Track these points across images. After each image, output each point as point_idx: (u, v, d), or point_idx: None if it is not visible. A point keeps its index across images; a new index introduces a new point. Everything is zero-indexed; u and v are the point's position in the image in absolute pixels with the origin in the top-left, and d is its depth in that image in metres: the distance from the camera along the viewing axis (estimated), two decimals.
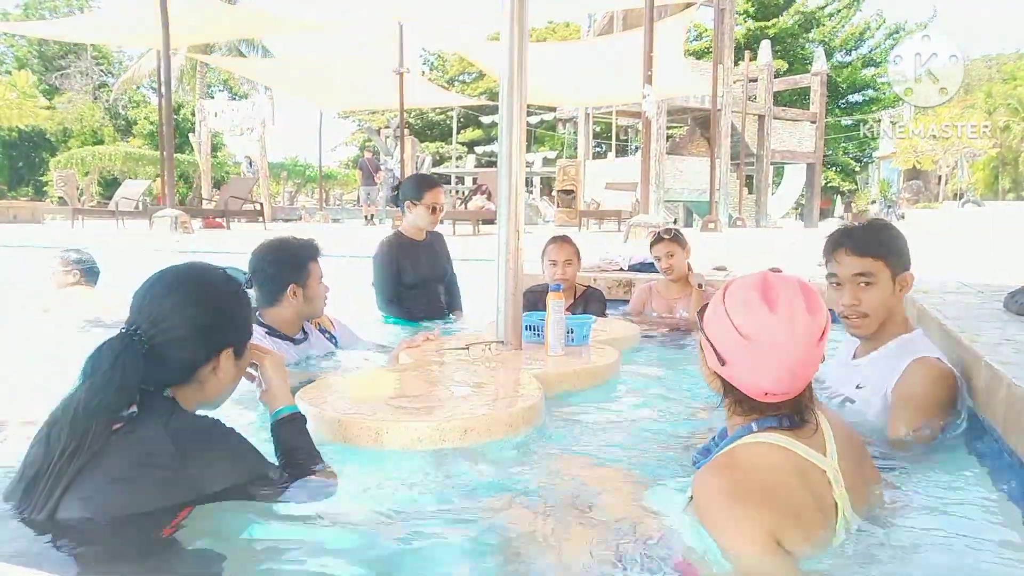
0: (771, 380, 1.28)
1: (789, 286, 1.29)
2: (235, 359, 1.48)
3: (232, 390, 1.55)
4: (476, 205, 14.98)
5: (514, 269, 2.78)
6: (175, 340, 1.37)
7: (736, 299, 1.31)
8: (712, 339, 1.34)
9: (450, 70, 40.48)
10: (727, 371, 1.33)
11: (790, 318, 1.25)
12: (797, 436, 1.29)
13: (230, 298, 1.48)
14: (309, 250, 2.70)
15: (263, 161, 20.37)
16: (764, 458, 1.27)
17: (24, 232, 11.45)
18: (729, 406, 1.38)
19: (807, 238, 13.29)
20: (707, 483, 1.26)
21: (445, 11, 14.52)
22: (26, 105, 24.16)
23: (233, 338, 1.47)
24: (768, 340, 1.26)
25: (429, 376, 2.41)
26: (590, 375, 2.56)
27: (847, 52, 36.25)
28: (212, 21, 15.44)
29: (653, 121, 10.23)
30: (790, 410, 1.31)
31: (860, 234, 2.02)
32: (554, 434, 2.06)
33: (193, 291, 1.42)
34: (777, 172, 27.22)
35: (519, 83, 2.74)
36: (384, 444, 1.82)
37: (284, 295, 2.61)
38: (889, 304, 2.02)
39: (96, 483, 1.25)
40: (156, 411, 1.34)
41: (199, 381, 1.44)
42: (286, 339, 2.67)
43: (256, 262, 2.64)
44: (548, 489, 1.68)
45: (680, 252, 3.99)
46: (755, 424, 1.32)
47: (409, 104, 16.54)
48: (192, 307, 1.40)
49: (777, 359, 1.26)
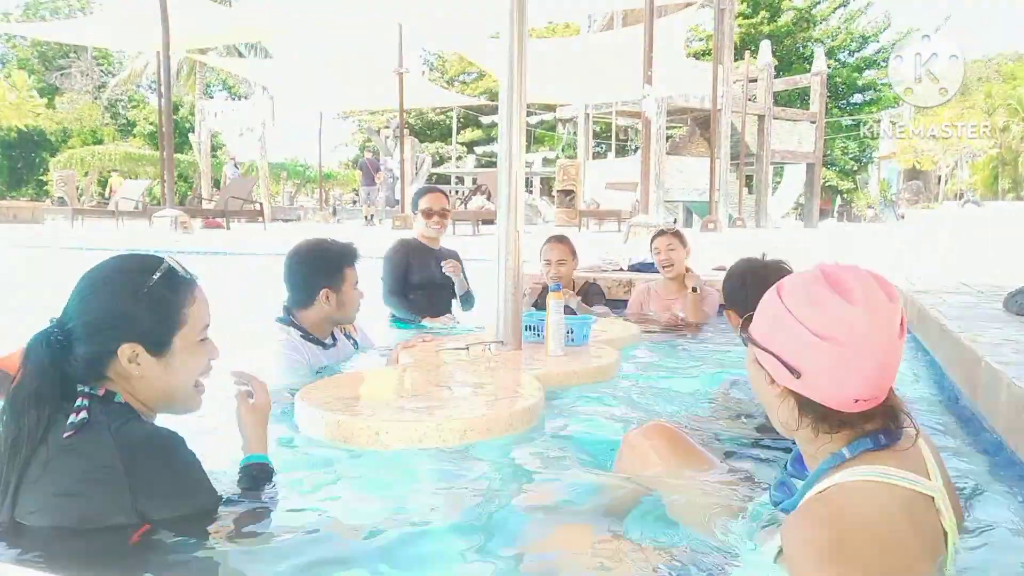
0: (860, 383, 1.10)
1: (858, 273, 1.13)
2: (152, 355, 1.36)
3: (185, 386, 1.43)
4: (476, 205, 14.98)
5: (514, 269, 2.78)
6: (75, 332, 1.32)
7: (800, 297, 1.13)
8: (777, 351, 1.14)
9: (450, 70, 40.47)
10: (804, 384, 1.12)
11: (872, 307, 1.09)
12: (897, 457, 1.11)
13: (126, 294, 1.35)
14: (346, 255, 2.65)
15: (263, 161, 20.39)
16: (869, 504, 1.06)
17: (24, 232, 11.44)
18: (810, 427, 1.15)
19: (807, 238, 13.29)
20: (807, 539, 1.05)
21: (445, 11, 14.51)
22: (25, 105, 24.17)
23: (131, 334, 1.33)
24: (852, 336, 1.08)
25: (429, 376, 2.41)
26: (590, 375, 2.56)
27: (849, 53, 36.28)
28: (212, 25, 15.45)
29: (653, 121, 10.24)
30: (883, 421, 1.13)
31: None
32: (554, 434, 2.06)
33: (90, 285, 1.36)
34: (777, 172, 27.22)
35: (519, 83, 2.74)
36: (384, 444, 1.82)
37: (316, 298, 2.58)
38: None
39: (45, 496, 1.23)
40: (109, 417, 1.29)
41: (123, 378, 1.35)
42: (318, 343, 2.64)
43: (290, 263, 2.62)
44: (548, 489, 1.68)
45: (680, 248, 4.01)
46: (847, 450, 1.12)
47: (409, 104, 16.55)
48: (87, 300, 1.35)
49: (865, 356, 1.08)
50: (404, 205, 14.81)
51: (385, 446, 1.81)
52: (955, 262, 6.87)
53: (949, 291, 4.00)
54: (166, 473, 1.31)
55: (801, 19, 34.83)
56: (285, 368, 2.50)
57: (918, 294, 4.00)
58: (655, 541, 1.37)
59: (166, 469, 1.31)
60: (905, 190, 30.03)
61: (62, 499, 1.23)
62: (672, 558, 1.30)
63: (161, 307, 1.36)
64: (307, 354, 2.59)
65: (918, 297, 3.86)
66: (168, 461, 1.32)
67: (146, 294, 1.34)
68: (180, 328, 1.38)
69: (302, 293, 2.60)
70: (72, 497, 1.23)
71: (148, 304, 1.34)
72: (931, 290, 4.20)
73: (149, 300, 1.34)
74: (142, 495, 1.25)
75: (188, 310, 1.39)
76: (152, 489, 1.27)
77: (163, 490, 1.29)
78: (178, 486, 1.32)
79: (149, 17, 11.94)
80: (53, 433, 1.25)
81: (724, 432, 2.10)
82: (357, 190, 31.26)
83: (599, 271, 5.36)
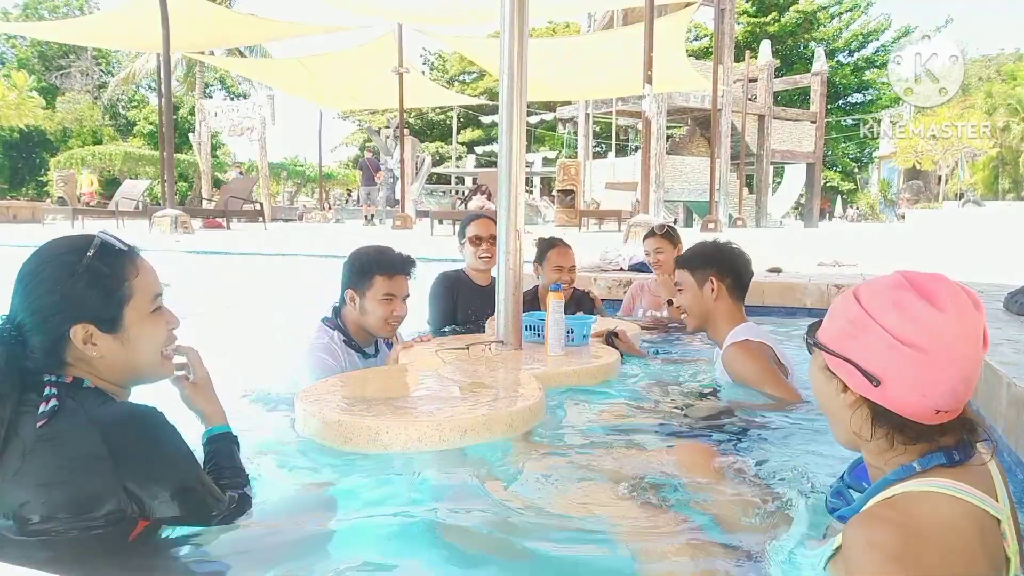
0: (943, 393, 1.05)
1: (944, 281, 1.09)
2: (105, 333, 1.33)
3: (149, 359, 1.41)
4: (476, 205, 14.97)
5: (514, 269, 2.78)
6: (25, 325, 1.31)
7: (884, 302, 1.08)
8: (855, 357, 1.09)
9: (450, 70, 40.51)
10: (883, 393, 1.07)
11: (960, 315, 1.04)
12: (969, 473, 1.07)
13: (64, 276, 1.31)
14: (382, 263, 2.50)
15: (263, 161, 20.39)
16: (938, 514, 1.03)
17: (24, 232, 11.44)
18: (884, 438, 1.11)
19: (807, 237, 13.29)
20: (872, 542, 1.01)
21: (445, 10, 14.51)
22: (25, 105, 24.17)
23: (78, 315, 1.31)
24: (939, 344, 1.03)
25: (429, 376, 2.41)
26: (590, 375, 2.56)
27: (850, 53, 36.30)
28: (212, 27, 15.45)
29: (653, 121, 10.24)
30: (958, 435, 1.09)
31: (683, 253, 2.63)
32: (554, 434, 2.06)
33: (29, 274, 1.33)
34: (777, 172, 27.24)
35: (519, 83, 2.74)
36: (384, 444, 1.82)
37: (345, 297, 2.53)
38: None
39: (30, 488, 1.22)
40: (81, 402, 1.28)
41: (84, 361, 1.33)
42: (359, 351, 2.57)
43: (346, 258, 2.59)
44: (547, 489, 1.68)
45: (670, 249, 4.01)
46: (918, 463, 1.07)
47: (409, 104, 16.55)
48: (29, 290, 1.32)
49: (950, 366, 1.04)
50: (404, 205, 14.82)
51: (385, 446, 1.81)
52: (955, 262, 6.87)
53: None
54: (149, 447, 1.29)
55: (805, 20, 34.87)
56: (313, 370, 2.44)
57: None
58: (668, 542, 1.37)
59: (148, 443, 1.29)
60: (905, 190, 30.05)
61: (48, 488, 1.22)
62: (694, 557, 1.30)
63: (102, 283, 1.33)
64: (344, 359, 2.51)
65: None
66: (149, 435, 1.30)
67: (83, 272, 1.31)
68: (128, 301, 1.35)
69: (341, 290, 2.56)
70: (58, 485, 1.22)
71: (87, 282, 1.31)
72: None
73: (88, 278, 1.31)
74: (128, 472, 1.25)
75: (132, 282, 1.36)
76: (137, 465, 1.26)
77: (148, 464, 1.28)
78: (162, 459, 1.30)
79: (150, 17, 11.94)
80: (25, 426, 1.24)
81: (726, 428, 2.10)
82: (351, 190, 31.32)
83: (599, 271, 5.36)
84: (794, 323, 4.32)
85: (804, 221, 25.35)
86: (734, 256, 2.51)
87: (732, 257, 2.50)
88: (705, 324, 2.50)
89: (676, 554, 1.35)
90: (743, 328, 2.44)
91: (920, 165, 27.40)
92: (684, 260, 2.55)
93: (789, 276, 5.22)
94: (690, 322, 2.53)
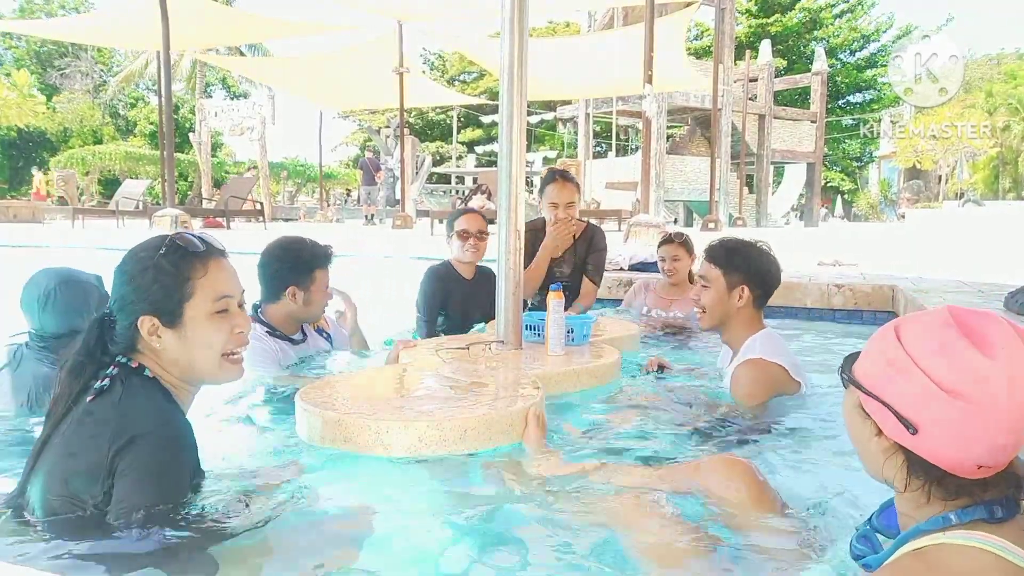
0: (988, 448, 0.95)
1: (996, 321, 0.98)
2: (167, 327, 1.43)
3: (206, 357, 1.47)
4: (477, 204, 14.97)
5: (514, 269, 2.78)
6: (113, 310, 1.45)
7: (927, 344, 0.98)
8: (891, 400, 0.99)
9: (450, 70, 40.49)
10: (920, 442, 0.98)
11: (1012, 363, 0.94)
12: (1012, 531, 0.97)
13: (137, 270, 1.45)
14: (318, 256, 2.68)
15: (263, 161, 20.38)
16: (973, 570, 0.94)
17: (24, 232, 11.44)
18: (920, 491, 1.01)
19: (807, 237, 13.29)
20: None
21: (445, 10, 14.51)
22: (26, 104, 24.17)
23: (144, 307, 1.42)
24: (986, 395, 0.93)
25: (429, 376, 2.41)
26: (590, 375, 2.56)
27: (850, 53, 36.28)
28: (212, 25, 15.45)
29: (653, 121, 10.23)
30: (1001, 490, 0.98)
31: (714, 245, 2.46)
32: (553, 434, 2.06)
33: (118, 267, 1.48)
34: (777, 172, 27.23)
35: (519, 82, 2.74)
36: (384, 444, 1.82)
37: (283, 294, 2.63)
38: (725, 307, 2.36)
39: (57, 453, 1.33)
40: (128, 389, 1.37)
41: (152, 351, 1.44)
42: (285, 339, 2.68)
43: (263, 258, 2.66)
44: (547, 488, 1.68)
45: (686, 258, 4.02)
46: (955, 516, 0.98)
47: (409, 103, 16.54)
48: (116, 280, 1.47)
49: (997, 419, 0.94)
50: (404, 204, 14.81)
51: (385, 446, 1.81)
52: (955, 262, 6.87)
53: (950, 290, 4.00)
54: (146, 462, 1.32)
55: (808, 20, 34.87)
56: (253, 358, 2.46)
57: (918, 293, 4.00)
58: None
59: (147, 458, 1.32)
60: (906, 190, 30.02)
61: (64, 458, 1.32)
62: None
63: (165, 279, 1.43)
64: (274, 347, 2.63)
65: (918, 297, 3.87)
66: (153, 452, 1.33)
67: (151, 267, 1.43)
68: (189, 299, 1.44)
69: (270, 288, 2.65)
70: (70, 457, 1.32)
71: (153, 277, 1.42)
72: (931, 289, 4.20)
73: (154, 273, 1.42)
74: (116, 471, 1.30)
75: (197, 281, 1.44)
76: (126, 471, 1.30)
77: (135, 476, 1.30)
78: (151, 478, 1.32)
79: (150, 16, 11.94)
80: (83, 399, 1.36)
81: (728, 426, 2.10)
82: (351, 189, 31.32)
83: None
84: (794, 323, 4.33)
85: (804, 221, 25.35)
86: (770, 268, 2.40)
87: (768, 269, 2.39)
88: (721, 326, 2.43)
89: (683, 559, 1.35)
90: (761, 339, 2.34)
91: (920, 165, 27.38)
92: (717, 257, 2.40)
93: (789, 276, 5.22)
94: (706, 320, 2.44)
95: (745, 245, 2.43)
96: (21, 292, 2.23)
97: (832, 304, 4.62)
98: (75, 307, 2.20)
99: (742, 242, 2.45)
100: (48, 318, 2.19)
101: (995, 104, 27.40)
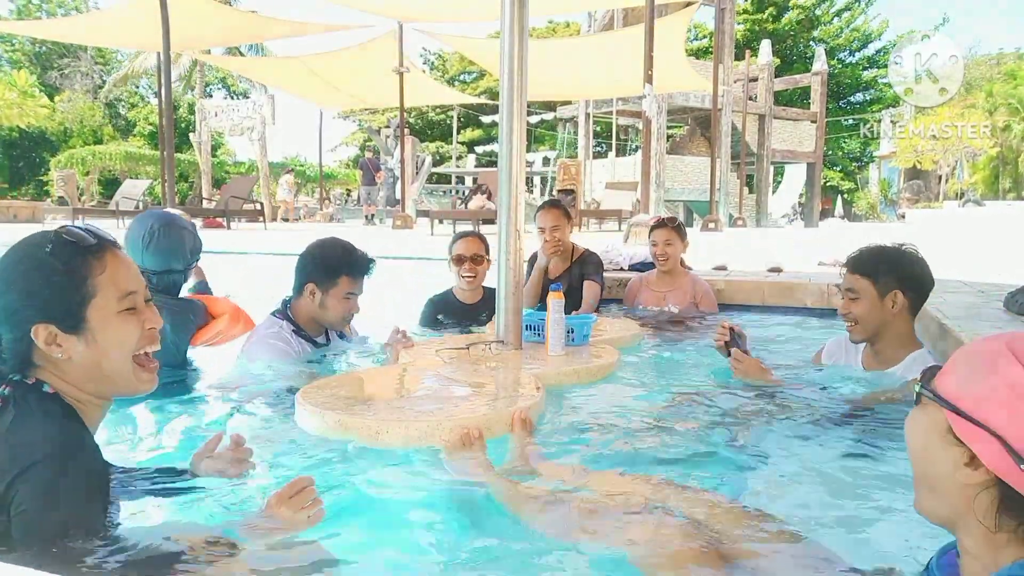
0: None
1: None
2: (68, 333, 1.25)
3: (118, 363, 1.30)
4: (476, 205, 14.96)
5: (514, 269, 2.78)
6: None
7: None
8: (1004, 431, 0.86)
9: (450, 70, 40.47)
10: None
11: None
12: None
13: (22, 272, 1.25)
14: (350, 264, 2.59)
15: (263, 160, 20.38)
16: None
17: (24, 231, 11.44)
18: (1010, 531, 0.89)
19: (808, 237, 13.29)
20: None
21: (445, 10, 14.50)
22: (26, 104, 24.18)
23: (38, 314, 1.23)
24: None
25: (429, 376, 2.41)
26: (590, 374, 2.56)
27: (850, 53, 36.30)
28: (212, 25, 15.44)
29: (653, 121, 10.23)
30: None
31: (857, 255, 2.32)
32: (554, 434, 2.06)
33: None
34: (777, 172, 27.24)
35: (519, 82, 2.74)
36: (384, 444, 1.82)
37: (304, 290, 2.60)
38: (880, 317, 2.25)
39: None
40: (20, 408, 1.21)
41: (51, 363, 1.25)
42: (309, 340, 2.66)
43: (303, 249, 2.66)
44: (547, 489, 1.68)
45: (678, 242, 4.02)
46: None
47: (409, 103, 16.55)
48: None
49: None
50: (404, 205, 14.81)
51: (385, 446, 1.81)
52: (955, 262, 6.87)
53: (950, 290, 4.00)
54: (43, 492, 1.18)
55: (805, 18, 34.87)
56: (273, 355, 2.55)
57: None
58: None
59: (44, 488, 1.17)
60: (906, 190, 30.02)
61: None
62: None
63: (58, 280, 1.24)
64: (296, 346, 2.61)
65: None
66: (52, 480, 1.18)
67: (40, 269, 1.24)
68: (91, 299, 1.26)
69: (296, 281, 2.64)
70: None
71: (43, 279, 1.24)
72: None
73: (44, 274, 1.24)
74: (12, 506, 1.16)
75: (96, 279, 1.26)
76: (23, 503, 1.16)
77: (34, 509, 1.16)
78: (51, 511, 1.18)
79: (150, 16, 11.93)
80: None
81: (728, 425, 2.10)
82: (351, 190, 31.30)
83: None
84: (794, 323, 4.32)
85: (804, 221, 25.35)
86: (922, 268, 2.28)
87: (919, 269, 2.27)
88: (876, 338, 2.30)
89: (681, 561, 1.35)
90: (921, 360, 2.21)
91: (920, 165, 27.37)
92: (864, 266, 2.28)
93: (790, 276, 5.22)
94: (858, 332, 2.31)
95: (890, 249, 2.31)
96: (127, 230, 2.51)
97: (832, 304, 4.62)
98: (172, 248, 2.52)
99: (886, 247, 2.33)
100: (149, 256, 2.46)
101: (995, 104, 27.38)
